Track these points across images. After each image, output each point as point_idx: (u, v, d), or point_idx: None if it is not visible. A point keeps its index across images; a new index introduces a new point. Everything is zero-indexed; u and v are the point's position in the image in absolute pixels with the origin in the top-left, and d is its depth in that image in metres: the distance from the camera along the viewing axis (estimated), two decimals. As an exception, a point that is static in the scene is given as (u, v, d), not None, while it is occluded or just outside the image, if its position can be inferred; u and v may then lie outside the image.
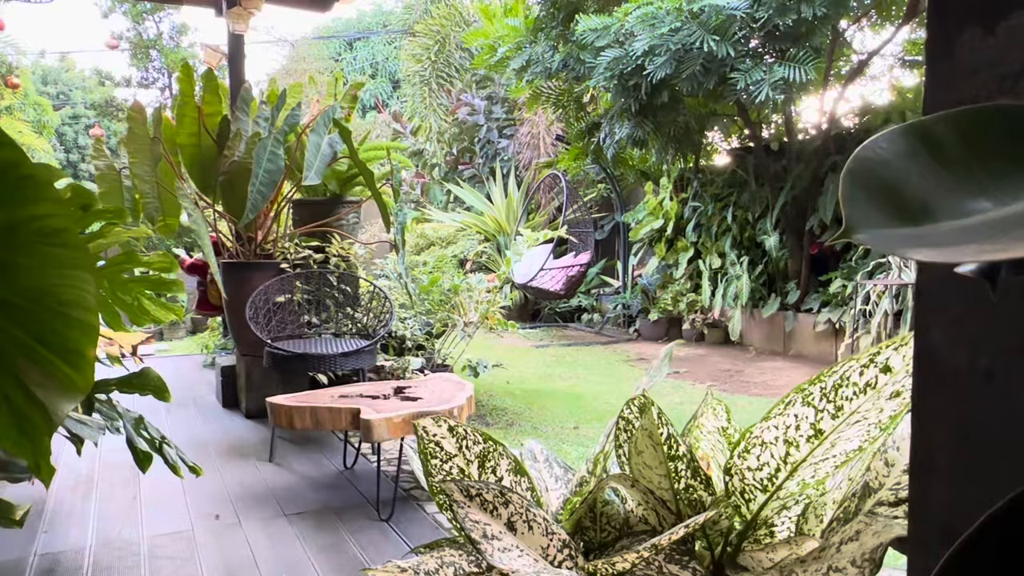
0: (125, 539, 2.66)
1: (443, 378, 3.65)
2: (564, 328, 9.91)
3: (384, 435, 2.80)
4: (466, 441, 0.93)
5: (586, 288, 10.31)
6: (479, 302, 5.12)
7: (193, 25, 10.53)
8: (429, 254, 10.23)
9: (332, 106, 4.39)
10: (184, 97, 4.52)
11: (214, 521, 2.83)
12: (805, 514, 0.95)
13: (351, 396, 3.19)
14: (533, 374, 6.60)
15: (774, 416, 0.90)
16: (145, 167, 4.24)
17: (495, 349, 7.40)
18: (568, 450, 4.09)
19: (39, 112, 13.01)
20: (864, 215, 0.46)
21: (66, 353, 0.99)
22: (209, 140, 4.59)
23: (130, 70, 12.21)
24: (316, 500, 3.06)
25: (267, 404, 3.12)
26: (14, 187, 0.91)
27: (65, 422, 1.96)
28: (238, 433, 4.17)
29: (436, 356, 4.98)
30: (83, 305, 0.98)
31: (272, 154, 4.15)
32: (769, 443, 0.88)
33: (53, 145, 14.68)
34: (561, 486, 1.13)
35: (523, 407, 5.22)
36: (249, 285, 4.34)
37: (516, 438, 4.35)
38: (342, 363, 3.82)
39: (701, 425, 1.03)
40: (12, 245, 0.93)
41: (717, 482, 0.95)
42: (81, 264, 0.96)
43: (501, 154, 11.62)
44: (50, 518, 2.85)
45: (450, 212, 11.59)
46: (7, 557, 2.50)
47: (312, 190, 4.92)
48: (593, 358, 7.58)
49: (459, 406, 3.02)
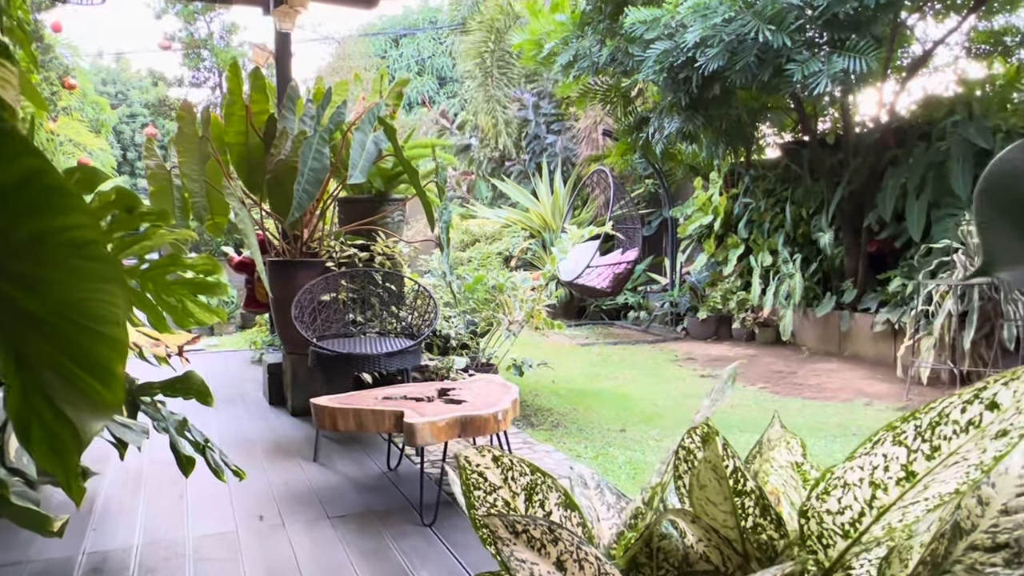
0: (171, 539, 2.67)
1: (488, 379, 3.59)
2: (610, 326, 9.78)
3: (428, 439, 2.75)
4: (512, 472, 0.86)
5: (633, 285, 10.15)
6: (524, 300, 5.05)
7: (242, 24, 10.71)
8: (474, 251, 10.20)
9: (377, 104, 4.36)
10: (232, 96, 4.54)
11: (258, 522, 2.82)
12: (888, 558, 0.85)
13: (395, 398, 3.16)
14: (579, 373, 6.51)
15: (859, 455, 0.81)
16: (194, 166, 4.27)
17: (540, 347, 7.32)
18: (615, 454, 4.00)
19: (97, 111, 13.39)
20: (1007, 248, 0.37)
21: (95, 369, 0.95)
22: (256, 139, 4.61)
23: (182, 70, 12.47)
24: (359, 502, 3.04)
25: (311, 405, 3.11)
26: (39, 197, 0.87)
27: (108, 427, 1.95)
28: (283, 431, 4.18)
29: (480, 355, 4.93)
30: (113, 320, 0.93)
31: (318, 152, 4.14)
32: (853, 484, 0.78)
33: (111, 143, 15.10)
34: (613, 515, 1.05)
35: (568, 408, 5.14)
36: (295, 283, 4.35)
37: (561, 440, 4.27)
38: (386, 363, 3.79)
39: (772, 459, 0.94)
40: (38, 257, 0.89)
41: (788, 520, 0.86)
42: (110, 277, 0.92)
43: (548, 150, 11.52)
44: (99, 515, 2.88)
45: (496, 208, 11.54)
46: (58, 555, 2.52)
47: (357, 188, 4.91)
48: (640, 357, 7.44)
49: (504, 410, 2.96)
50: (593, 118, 10.50)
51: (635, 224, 9.55)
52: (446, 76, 20.18)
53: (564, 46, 7.04)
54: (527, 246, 10.32)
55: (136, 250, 2.15)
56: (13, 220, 0.89)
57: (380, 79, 5.13)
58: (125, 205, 2.07)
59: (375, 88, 5.15)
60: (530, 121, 11.83)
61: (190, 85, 12.46)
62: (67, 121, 8.28)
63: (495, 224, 10.81)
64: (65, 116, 8.49)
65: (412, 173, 4.22)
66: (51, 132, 7.03)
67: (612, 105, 8.25)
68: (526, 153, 11.96)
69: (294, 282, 4.37)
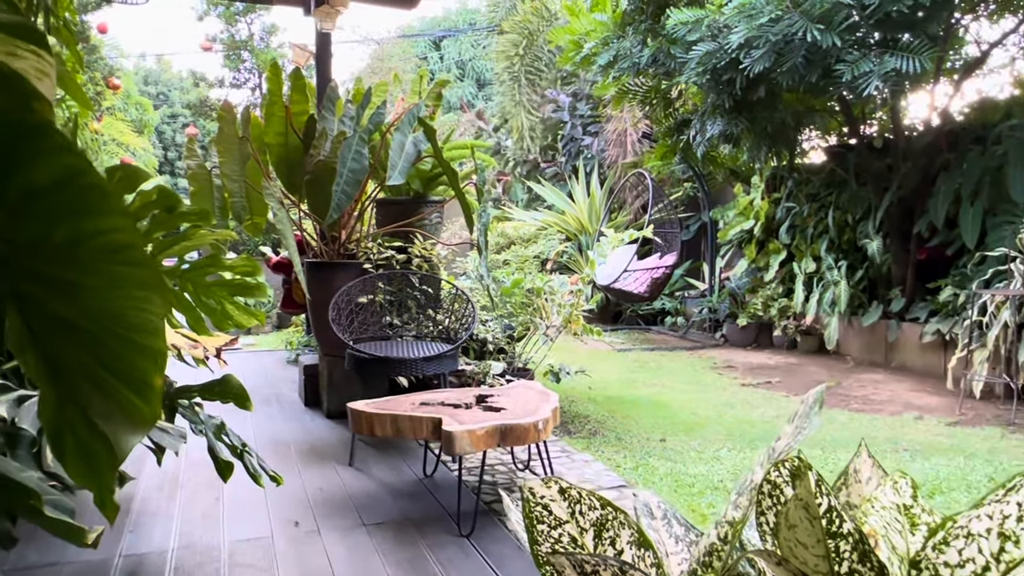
0: (207, 543, 2.64)
1: (526, 386, 3.52)
2: (647, 331, 9.63)
3: (466, 448, 2.68)
4: (580, 506, 0.78)
5: (670, 290, 9.99)
6: (562, 305, 4.96)
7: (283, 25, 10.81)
8: (510, 253, 10.13)
9: (417, 104, 4.31)
10: (272, 96, 4.54)
11: (293, 528, 2.77)
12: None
13: (432, 404, 3.09)
14: (616, 379, 6.39)
15: (988, 503, 0.71)
16: (234, 166, 4.27)
17: (576, 352, 7.22)
18: (655, 465, 3.89)
19: (140, 111, 13.63)
20: None
21: (132, 381, 0.90)
22: (296, 139, 4.60)
23: (223, 71, 12.64)
24: (395, 510, 2.98)
25: (348, 409, 3.06)
26: (78, 198, 0.81)
27: (146, 430, 1.91)
28: (319, 434, 4.15)
29: (517, 360, 4.85)
30: (150, 329, 0.87)
31: (357, 153, 4.11)
32: (978, 535, 0.69)
33: (153, 143, 15.36)
34: (682, 548, 0.97)
35: (606, 415, 5.03)
36: (332, 285, 4.32)
37: (599, 449, 4.18)
38: (423, 367, 3.73)
39: (875, 498, 0.85)
40: (74, 262, 0.84)
41: (890, 567, 0.77)
42: (148, 284, 0.86)
43: (585, 152, 11.41)
44: (136, 518, 2.86)
45: (531, 211, 11.46)
46: (95, 557, 2.50)
47: (396, 190, 4.87)
48: (678, 364, 7.30)
49: (544, 419, 2.88)
50: (625, 120, 10.36)
51: (674, 228, 9.39)
52: (485, 79, 20.17)
53: (604, 47, 6.94)
54: (563, 249, 10.22)
55: (176, 250, 2.11)
56: (50, 222, 0.83)
57: (419, 80, 5.09)
58: (166, 205, 2.04)
59: (414, 89, 5.11)
60: (566, 123, 11.72)
61: (230, 86, 12.62)
62: (111, 121, 8.43)
63: (531, 227, 10.73)
64: (109, 116, 8.64)
65: (451, 174, 4.16)
66: (95, 132, 7.15)
67: (652, 107, 8.12)
68: (562, 155, 11.86)
69: (331, 283, 4.34)
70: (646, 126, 9.91)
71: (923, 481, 3.70)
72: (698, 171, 9.24)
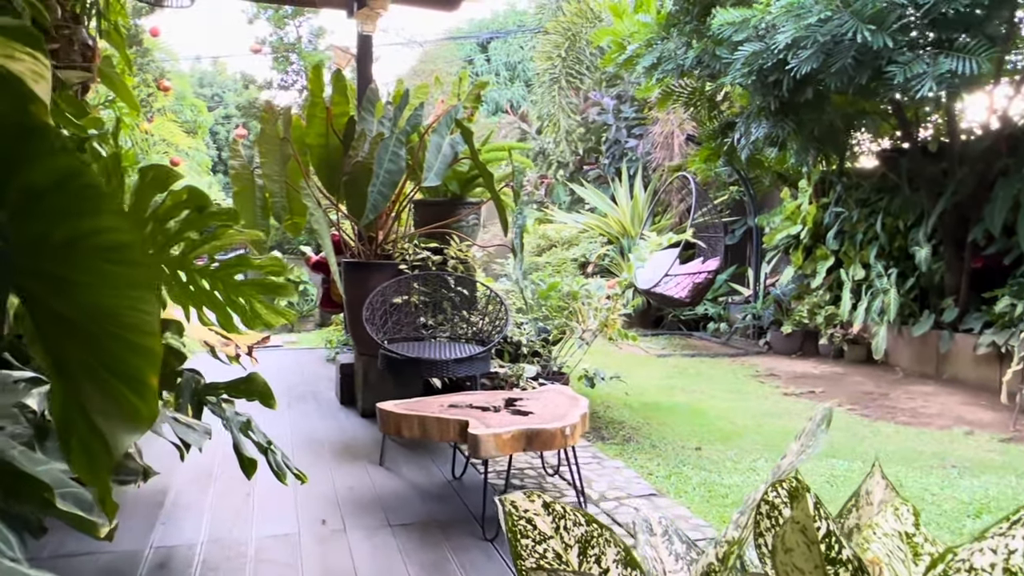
0: (235, 538, 2.68)
1: (557, 391, 3.49)
2: (688, 337, 9.49)
3: (492, 451, 2.66)
4: (564, 521, 0.75)
5: (713, 296, 9.82)
6: (598, 309, 4.91)
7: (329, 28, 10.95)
8: (550, 255, 10.09)
9: (455, 106, 4.32)
10: (314, 98, 4.60)
11: (320, 526, 2.80)
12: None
13: (460, 406, 3.09)
14: (653, 385, 6.31)
15: (991, 536, 0.66)
16: (274, 166, 4.34)
17: (613, 357, 7.15)
18: (689, 474, 3.81)
19: (195, 113, 14.01)
20: None
21: (129, 380, 0.90)
22: (336, 140, 4.65)
23: (271, 73, 12.91)
24: (422, 511, 2.98)
25: (377, 409, 3.07)
26: (75, 198, 0.82)
27: (172, 427, 1.95)
28: (352, 432, 4.19)
29: (552, 364, 4.82)
30: (145, 329, 0.88)
31: (394, 154, 4.13)
32: (981, 570, 0.64)
33: (207, 144, 15.76)
34: (682, 567, 0.93)
35: (641, 421, 4.96)
36: (368, 285, 4.35)
37: (632, 456, 4.12)
38: (455, 369, 3.73)
39: (876, 524, 0.80)
40: (72, 261, 0.85)
41: (892, 598, 0.72)
42: (143, 284, 0.87)
43: (629, 154, 11.30)
44: (169, 510, 2.93)
45: (573, 213, 11.40)
46: (128, 548, 2.57)
47: (433, 191, 4.89)
48: (718, 371, 7.16)
49: (572, 424, 2.84)
50: (671, 122, 10.23)
51: (718, 232, 9.23)
52: (532, 81, 20.15)
53: (648, 48, 6.86)
54: (604, 252, 10.14)
55: (206, 249, 2.15)
56: (50, 222, 0.84)
57: (459, 82, 5.10)
58: (196, 205, 2.07)
59: (454, 91, 5.12)
60: (610, 125, 11.63)
61: (278, 88, 12.87)
62: (161, 121, 8.68)
63: (572, 229, 10.67)
64: (160, 116, 8.91)
65: (487, 176, 4.16)
66: (146, 132, 7.37)
67: (696, 109, 7.99)
68: (606, 157, 11.77)
69: (368, 283, 4.38)
70: (692, 128, 9.76)
71: (970, 500, 3.55)
72: (744, 175, 9.06)
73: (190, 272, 2.14)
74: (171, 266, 2.15)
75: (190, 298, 2.20)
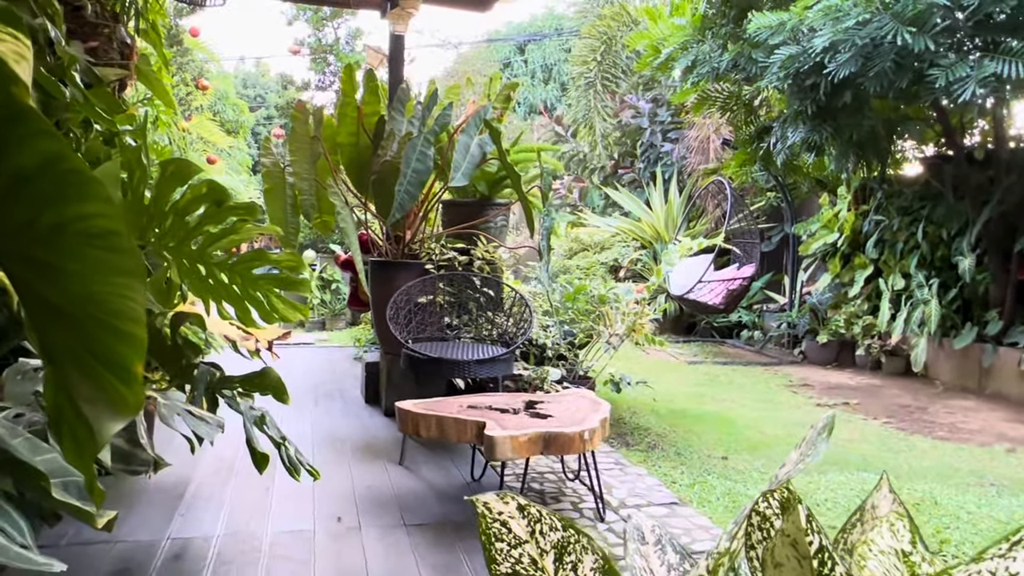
0: (251, 532, 2.69)
1: (578, 394, 3.44)
2: (721, 344, 9.34)
3: (508, 454, 2.63)
4: (540, 525, 0.72)
5: (748, 303, 9.66)
6: (626, 313, 4.85)
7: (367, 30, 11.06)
8: (580, 259, 10.03)
9: (484, 106, 4.31)
10: (345, 97, 4.63)
11: (336, 524, 2.80)
12: None
13: (479, 407, 3.07)
14: (682, 392, 6.21)
15: (991, 557, 0.61)
16: (304, 165, 4.38)
17: (642, 363, 7.07)
18: (713, 483, 3.73)
19: (237, 113, 14.25)
20: None
21: (114, 367, 0.90)
22: (367, 139, 4.68)
23: (309, 74, 13.09)
24: (438, 512, 2.96)
25: (396, 408, 3.07)
26: (60, 182, 0.82)
27: (184, 418, 1.96)
28: (375, 431, 4.19)
29: (578, 368, 4.77)
30: (131, 316, 0.87)
31: (421, 154, 4.13)
32: (978, 594, 0.60)
33: (248, 143, 16.00)
34: (673, 578, 0.89)
35: (667, 428, 4.89)
36: (394, 284, 4.36)
37: (656, 464, 4.05)
38: (476, 370, 3.71)
39: (871, 541, 0.75)
40: (59, 247, 0.84)
41: (889, 620, 0.68)
42: (130, 270, 0.86)
43: (664, 158, 11.18)
44: (189, 502, 2.95)
45: (607, 217, 11.31)
46: (145, 537, 2.59)
47: (461, 191, 4.88)
48: (750, 380, 7.03)
49: (591, 429, 2.80)
50: (707, 126, 10.10)
51: (753, 239, 9.07)
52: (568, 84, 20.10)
53: (683, 51, 6.77)
54: (637, 257, 10.04)
55: (224, 244, 2.16)
56: (36, 207, 0.84)
57: (490, 83, 5.09)
58: (215, 199, 2.08)
59: (485, 92, 5.11)
60: (645, 129, 11.52)
61: (316, 88, 13.04)
62: (200, 120, 8.84)
63: (605, 233, 10.59)
64: (199, 115, 9.08)
65: (515, 177, 4.13)
66: (184, 130, 7.51)
67: (732, 113, 7.87)
68: (641, 161, 11.67)
69: (394, 283, 4.39)
70: (728, 132, 9.62)
71: (1008, 520, 3.41)
72: (781, 180, 8.89)
73: (209, 265, 2.15)
74: (191, 259, 2.16)
75: (209, 291, 2.21)
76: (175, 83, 8.18)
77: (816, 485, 3.80)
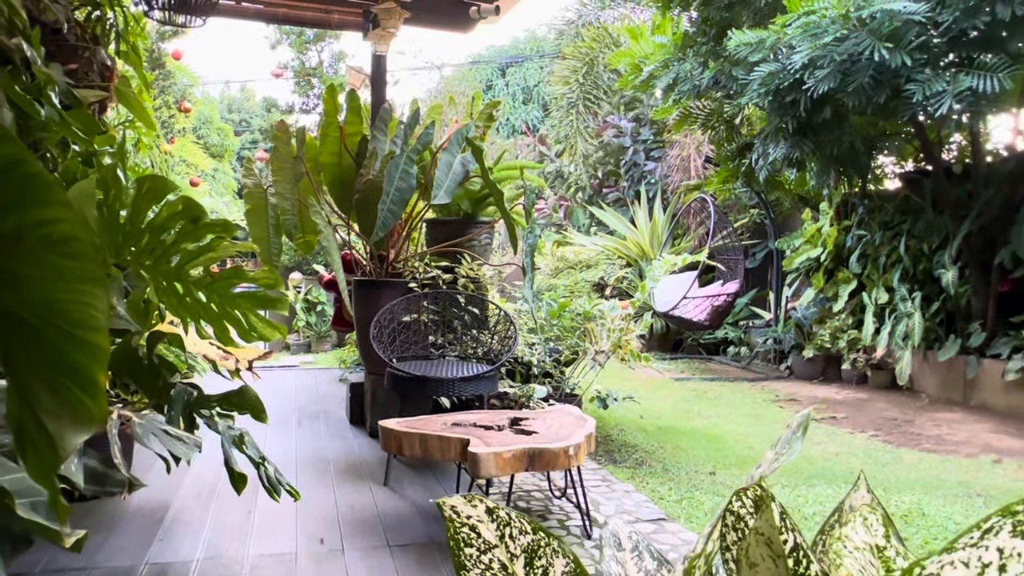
0: (231, 556, 2.64)
1: (564, 411, 3.42)
2: (707, 361, 9.35)
3: (492, 471, 2.60)
4: (510, 529, 0.70)
5: (734, 319, 9.68)
6: (611, 330, 4.84)
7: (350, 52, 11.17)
8: (564, 276, 10.03)
9: (466, 125, 4.32)
10: (328, 117, 4.63)
11: (318, 546, 2.75)
12: None
13: (464, 425, 3.04)
14: (669, 409, 6.19)
15: (962, 547, 0.60)
16: (287, 184, 4.36)
17: (630, 380, 7.05)
18: (701, 499, 3.71)
19: (222, 137, 14.24)
20: None
21: (76, 378, 0.88)
22: (349, 159, 4.67)
23: (293, 97, 13.13)
24: (423, 532, 2.92)
25: (379, 427, 3.03)
26: (19, 188, 0.80)
27: (160, 438, 1.92)
28: (359, 452, 4.14)
29: (564, 385, 4.75)
30: (92, 325, 0.85)
31: (404, 172, 4.13)
32: (953, 587, 0.58)
33: (233, 167, 15.97)
34: (652, 585, 0.87)
35: (655, 445, 4.86)
36: (378, 303, 4.33)
37: (644, 480, 4.02)
38: (461, 388, 3.68)
39: (846, 537, 0.74)
40: (18, 253, 0.83)
41: (867, 618, 0.66)
42: (91, 277, 0.84)
43: (647, 177, 11.26)
44: (168, 526, 2.90)
45: (592, 236, 11.35)
46: (123, 563, 2.54)
47: (445, 209, 4.88)
48: (737, 396, 7.03)
49: (576, 444, 2.77)
50: (689, 144, 10.19)
51: (737, 255, 9.13)
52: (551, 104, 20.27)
53: (664, 69, 6.84)
54: (623, 275, 10.06)
55: (201, 261, 2.14)
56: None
57: (472, 102, 5.11)
58: (191, 216, 2.06)
59: (467, 110, 5.13)
60: (628, 148, 11.61)
61: (300, 111, 13.07)
62: (183, 143, 8.81)
63: (591, 251, 10.62)
64: (181, 138, 9.05)
65: (498, 194, 4.14)
66: (166, 152, 7.49)
67: (713, 130, 7.94)
68: (625, 180, 11.74)
69: (378, 302, 4.36)
70: (710, 150, 9.71)
71: (996, 529, 3.40)
72: (763, 197, 8.97)
73: (186, 284, 2.12)
74: (168, 278, 2.13)
75: (187, 310, 2.18)
76: (157, 105, 8.18)
77: (804, 499, 3.78)
